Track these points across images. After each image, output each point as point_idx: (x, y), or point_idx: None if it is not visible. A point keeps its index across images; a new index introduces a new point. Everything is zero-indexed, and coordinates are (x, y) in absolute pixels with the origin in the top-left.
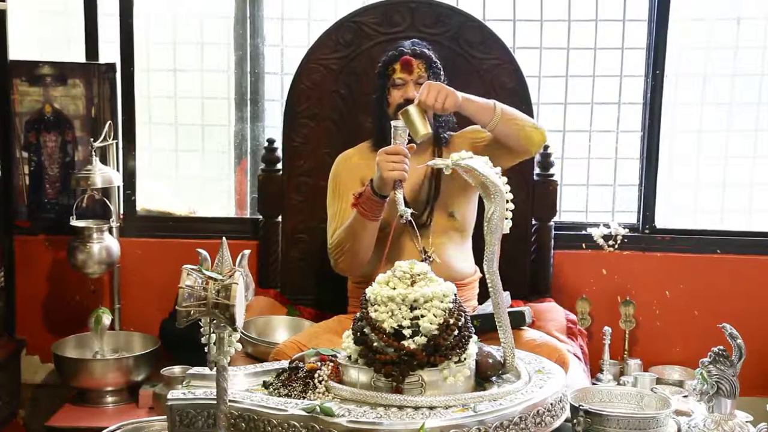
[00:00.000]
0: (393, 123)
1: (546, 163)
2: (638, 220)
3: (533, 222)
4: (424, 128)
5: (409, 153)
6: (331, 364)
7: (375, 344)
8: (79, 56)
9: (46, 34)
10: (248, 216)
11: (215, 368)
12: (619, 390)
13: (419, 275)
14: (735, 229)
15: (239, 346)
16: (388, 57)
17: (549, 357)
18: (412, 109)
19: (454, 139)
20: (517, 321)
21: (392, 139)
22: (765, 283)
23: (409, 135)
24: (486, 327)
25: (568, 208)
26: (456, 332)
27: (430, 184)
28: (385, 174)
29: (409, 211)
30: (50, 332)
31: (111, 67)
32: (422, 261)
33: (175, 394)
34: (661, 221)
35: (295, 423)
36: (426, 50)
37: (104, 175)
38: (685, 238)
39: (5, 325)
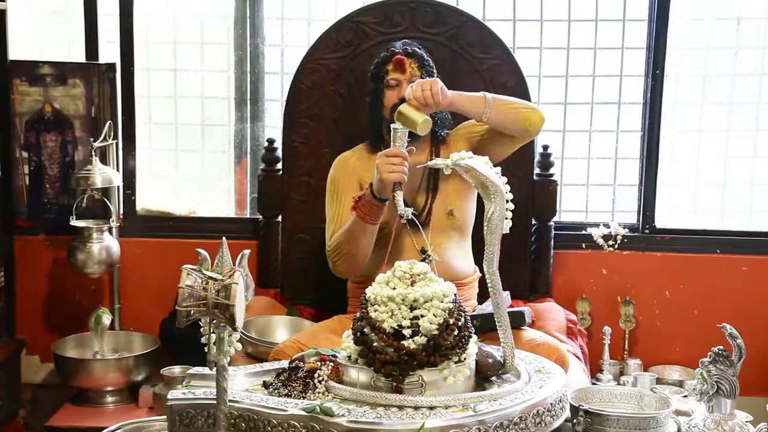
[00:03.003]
0: (392, 126)
1: (546, 163)
2: (638, 220)
3: (533, 222)
4: (420, 116)
5: (409, 155)
6: (331, 364)
7: (375, 344)
8: (79, 56)
9: (46, 34)
10: (248, 216)
11: (215, 368)
12: (619, 390)
13: (419, 275)
14: (735, 229)
15: (239, 346)
16: (380, 59)
17: (549, 357)
18: (403, 106)
19: (450, 137)
20: (517, 321)
21: (392, 142)
22: (765, 283)
23: (409, 136)
24: (486, 327)
25: (568, 208)
26: (456, 332)
27: (428, 184)
28: (385, 176)
29: (410, 210)
30: (50, 332)
31: (111, 67)
32: (422, 261)
33: (175, 394)
34: (661, 221)
35: (295, 423)
36: (417, 49)
37: (104, 175)
38: (685, 238)
39: (5, 325)
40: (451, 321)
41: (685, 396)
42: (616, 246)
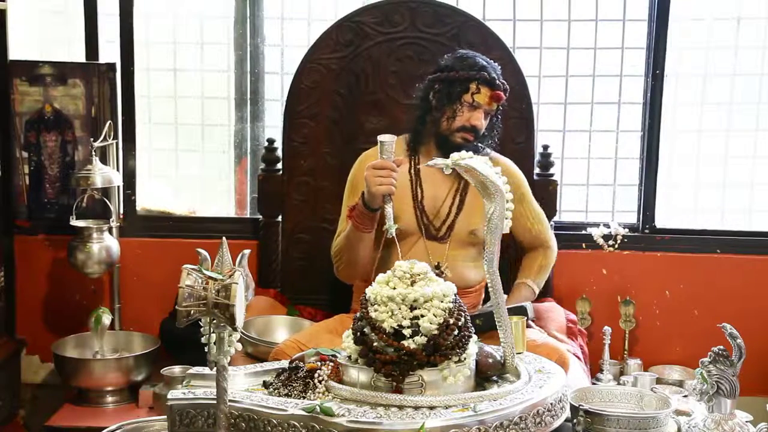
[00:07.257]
0: (380, 138)
1: (546, 163)
2: (638, 220)
3: None
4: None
5: (397, 167)
6: (331, 364)
7: (375, 344)
8: (79, 56)
9: (46, 34)
10: (248, 216)
11: (215, 368)
12: (619, 390)
13: (419, 275)
14: (735, 229)
15: (239, 346)
16: (478, 75)
17: (549, 357)
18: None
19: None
20: (520, 315)
21: (379, 154)
22: (765, 283)
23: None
24: (488, 326)
25: (568, 208)
26: (456, 332)
27: (454, 199)
28: (373, 189)
29: (395, 227)
30: (50, 332)
31: (111, 67)
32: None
33: (175, 394)
34: (661, 221)
35: (295, 423)
36: (503, 79)
37: (104, 175)
38: (685, 238)
39: (5, 325)
40: (451, 321)
41: (685, 396)
42: (616, 246)
